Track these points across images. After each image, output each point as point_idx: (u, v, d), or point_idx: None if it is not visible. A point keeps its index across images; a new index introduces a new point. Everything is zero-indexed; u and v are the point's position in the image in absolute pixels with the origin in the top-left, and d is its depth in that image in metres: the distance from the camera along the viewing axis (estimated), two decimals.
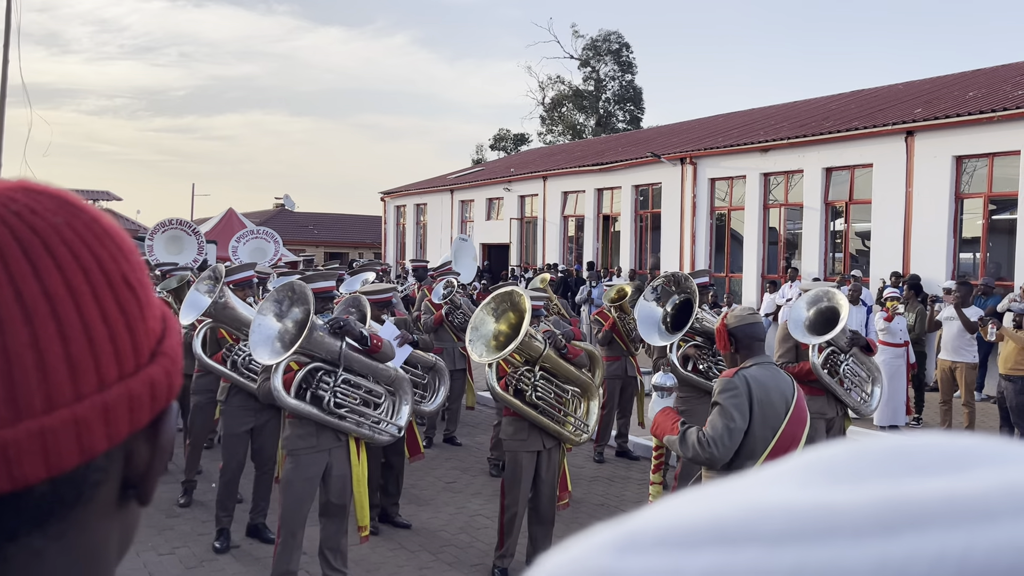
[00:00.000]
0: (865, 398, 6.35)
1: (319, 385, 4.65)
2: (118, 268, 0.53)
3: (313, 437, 4.70)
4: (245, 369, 5.71)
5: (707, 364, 6.14)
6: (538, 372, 5.28)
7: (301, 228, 37.94)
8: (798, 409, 3.73)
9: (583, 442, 5.58)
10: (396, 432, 5.03)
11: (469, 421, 9.59)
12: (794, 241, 17.30)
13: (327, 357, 4.66)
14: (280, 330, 4.47)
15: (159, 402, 0.54)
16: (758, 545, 0.27)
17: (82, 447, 0.48)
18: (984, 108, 13.39)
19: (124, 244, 0.55)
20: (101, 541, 0.54)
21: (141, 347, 0.53)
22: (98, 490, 0.52)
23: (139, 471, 0.55)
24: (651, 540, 0.28)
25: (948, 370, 9.47)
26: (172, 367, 0.56)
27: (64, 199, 0.54)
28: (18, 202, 0.51)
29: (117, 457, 0.53)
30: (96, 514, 0.53)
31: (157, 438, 0.55)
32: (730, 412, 3.60)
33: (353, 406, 4.76)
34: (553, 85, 46.99)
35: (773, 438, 3.65)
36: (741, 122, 22.01)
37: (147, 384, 0.52)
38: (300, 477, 4.69)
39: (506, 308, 5.17)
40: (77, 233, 0.52)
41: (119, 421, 0.50)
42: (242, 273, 6.49)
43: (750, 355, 3.80)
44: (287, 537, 4.71)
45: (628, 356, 8.35)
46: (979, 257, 14.19)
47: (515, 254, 25.04)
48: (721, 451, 3.58)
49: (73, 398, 0.48)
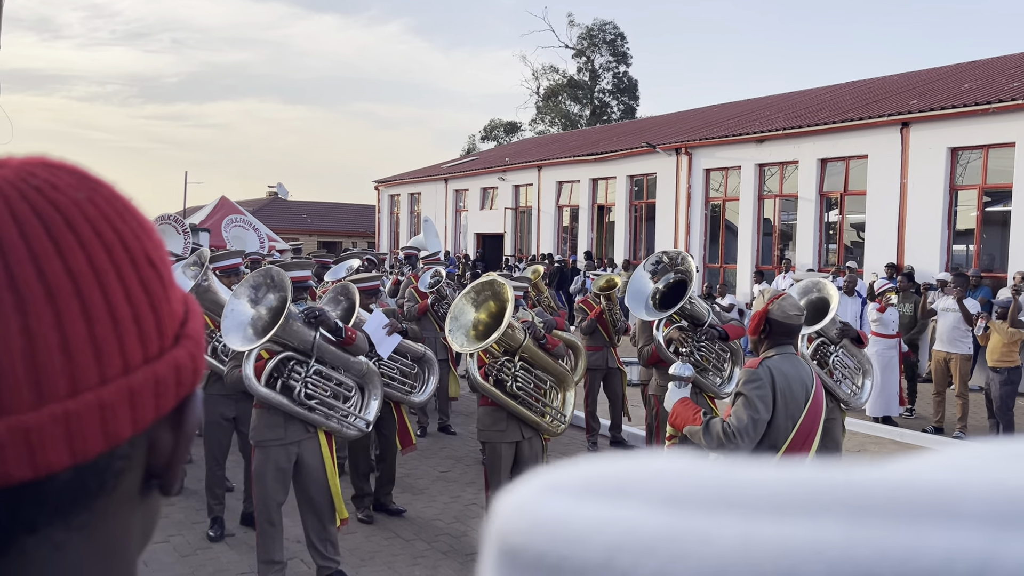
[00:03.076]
0: (855, 390, 6.35)
1: (291, 375, 4.57)
2: (141, 246, 0.51)
3: (281, 428, 4.62)
4: (224, 356, 5.61)
5: (689, 348, 6.13)
6: (518, 362, 5.26)
7: (294, 217, 37.82)
8: (816, 398, 3.73)
9: (560, 432, 5.57)
10: (364, 427, 4.95)
11: (463, 411, 9.59)
12: (788, 232, 17.31)
13: (300, 347, 4.58)
14: (253, 316, 4.38)
15: (184, 386, 0.52)
16: (639, 503, 0.29)
17: (107, 433, 0.47)
18: (979, 100, 13.40)
19: (145, 222, 0.53)
20: (123, 533, 0.52)
21: (166, 329, 0.51)
22: (122, 479, 0.50)
23: (163, 459, 0.53)
24: (572, 487, 0.31)
25: (943, 361, 9.50)
26: (197, 350, 0.54)
27: (83, 175, 0.52)
28: (38, 177, 0.49)
29: (141, 444, 0.51)
30: (119, 504, 0.51)
31: (182, 425, 0.54)
32: (755, 403, 3.59)
33: (323, 398, 4.69)
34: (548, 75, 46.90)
35: (794, 428, 3.65)
36: (736, 112, 21.99)
37: (173, 367, 0.51)
38: (270, 468, 4.62)
39: (487, 297, 5.13)
40: (99, 209, 0.49)
41: (145, 406, 0.49)
42: (228, 260, 6.41)
43: (775, 346, 3.77)
44: (264, 526, 4.67)
45: (609, 347, 8.32)
46: (972, 249, 14.22)
47: (509, 244, 25.02)
48: (746, 442, 3.58)
49: (98, 381, 0.46)
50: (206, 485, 5.84)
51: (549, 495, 0.31)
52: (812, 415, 3.70)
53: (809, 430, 3.69)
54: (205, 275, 5.21)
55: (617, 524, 0.29)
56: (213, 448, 5.81)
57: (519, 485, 0.33)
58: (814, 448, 3.71)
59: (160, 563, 5.26)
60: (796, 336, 3.87)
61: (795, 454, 3.66)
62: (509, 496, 0.33)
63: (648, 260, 5.94)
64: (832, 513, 0.27)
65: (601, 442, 8.51)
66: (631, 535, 0.28)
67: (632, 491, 0.30)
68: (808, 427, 3.68)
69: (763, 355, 3.79)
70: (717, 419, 3.70)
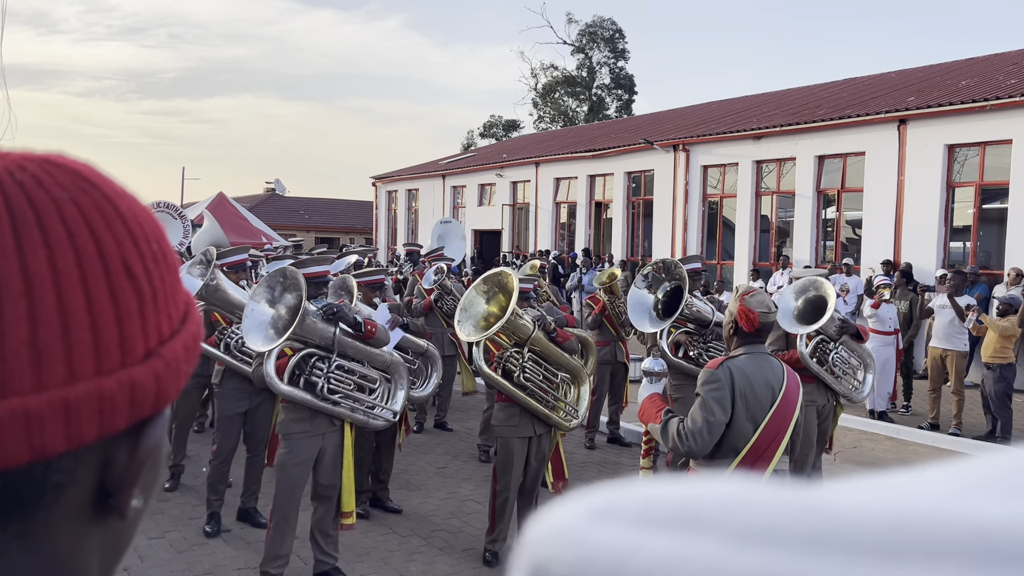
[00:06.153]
0: (856, 385, 6.37)
1: (312, 371, 4.64)
2: (120, 254, 0.48)
3: (307, 422, 4.69)
4: (239, 352, 5.66)
5: (698, 351, 6.14)
6: (526, 354, 5.27)
7: (292, 213, 37.80)
8: (786, 399, 3.66)
9: (574, 427, 5.58)
10: (391, 417, 5.02)
11: (459, 407, 9.59)
12: (786, 229, 17.32)
13: (321, 343, 4.64)
14: (273, 316, 4.45)
15: (141, 407, 0.49)
16: (718, 537, 0.26)
17: (32, 444, 0.44)
18: (976, 97, 13.41)
19: (137, 230, 0.50)
20: (74, 549, 0.50)
21: (131, 344, 0.48)
22: (63, 493, 0.47)
23: (114, 480, 0.50)
24: (628, 515, 0.28)
25: (939, 358, 9.53)
26: (165, 372, 0.50)
27: (82, 174, 0.50)
28: (27, 171, 0.47)
29: (87, 460, 0.48)
30: (66, 520, 0.48)
31: (136, 447, 0.50)
32: (710, 405, 3.56)
33: (347, 391, 4.75)
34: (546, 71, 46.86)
35: (756, 431, 3.60)
36: (734, 109, 21.98)
37: (127, 385, 0.47)
38: (294, 461, 4.68)
39: (497, 290, 5.16)
40: (80, 211, 0.47)
41: (83, 422, 0.45)
42: (235, 256, 6.47)
43: (744, 344, 3.74)
44: (280, 521, 4.71)
45: (618, 341, 8.34)
46: (969, 246, 14.24)
47: (507, 240, 25.01)
48: (700, 444, 3.54)
49: (32, 388, 0.43)
50: (208, 481, 5.84)
51: (599, 523, 0.28)
52: (779, 417, 3.62)
53: (775, 434, 3.61)
54: (213, 274, 5.23)
55: (695, 562, 0.25)
56: (224, 444, 5.82)
57: (556, 508, 0.30)
58: (780, 452, 3.62)
59: (156, 559, 5.26)
60: (765, 334, 3.80)
61: (758, 457, 3.59)
62: (546, 520, 0.30)
63: (639, 276, 5.94)
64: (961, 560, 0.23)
65: (598, 439, 8.52)
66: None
67: (705, 523, 0.27)
68: (774, 430, 3.61)
69: (730, 354, 3.74)
70: (675, 419, 3.66)
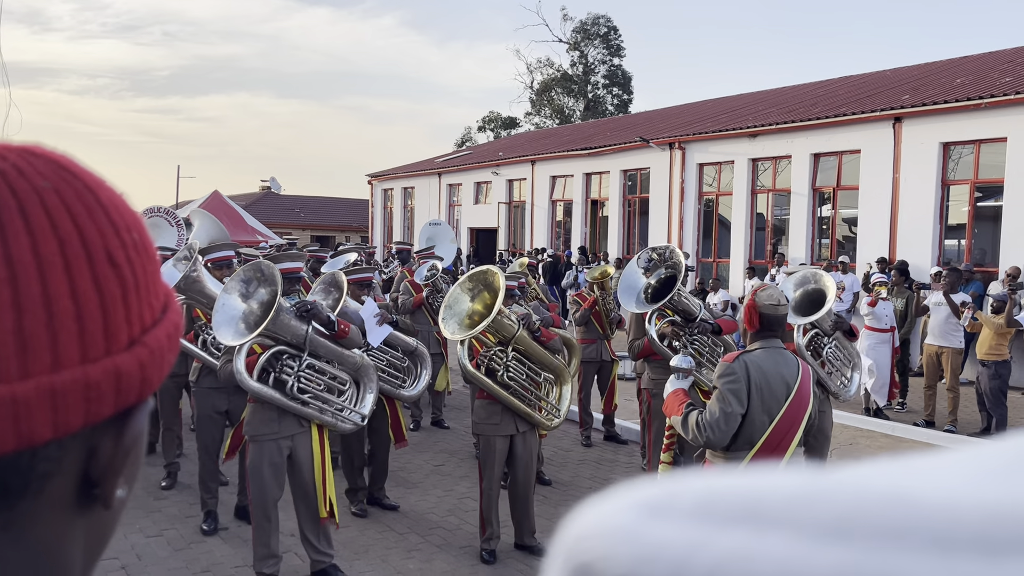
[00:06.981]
0: (845, 382, 6.41)
1: (283, 369, 4.55)
2: (103, 243, 0.48)
3: (275, 423, 4.61)
4: (215, 349, 5.57)
5: (682, 342, 6.16)
6: (511, 353, 5.25)
7: (287, 211, 37.73)
8: (800, 393, 3.73)
9: (555, 427, 5.58)
10: (359, 420, 4.92)
11: (456, 404, 9.59)
12: (781, 227, 17.34)
13: (292, 341, 4.56)
14: (245, 311, 4.35)
15: (126, 395, 0.49)
16: (790, 531, 0.24)
17: (19, 431, 0.44)
18: (971, 95, 13.44)
19: (119, 220, 0.51)
20: (59, 540, 0.50)
21: (116, 332, 0.48)
22: (49, 482, 0.47)
23: (100, 469, 0.50)
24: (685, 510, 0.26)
25: (934, 355, 9.55)
26: (149, 360, 0.50)
27: (61, 164, 0.50)
28: (7, 161, 0.48)
29: (73, 449, 0.48)
30: (51, 510, 0.48)
31: (121, 435, 0.50)
32: (727, 397, 3.63)
33: (316, 392, 4.66)
34: (542, 69, 46.85)
35: (771, 423, 3.66)
36: (729, 107, 22.01)
37: (112, 373, 0.47)
38: (264, 463, 4.62)
39: (482, 288, 5.14)
40: (63, 200, 0.48)
41: (69, 409, 0.45)
42: (220, 252, 6.37)
43: (760, 338, 3.79)
44: (261, 520, 4.67)
45: (603, 339, 8.35)
46: (964, 244, 14.28)
47: (503, 238, 25.00)
48: (717, 435, 3.62)
49: (18, 375, 0.43)
50: (199, 479, 5.83)
51: (654, 519, 0.26)
52: (793, 411, 3.69)
53: (789, 426, 3.68)
54: (195, 266, 5.18)
55: (767, 559, 0.24)
56: (206, 442, 5.79)
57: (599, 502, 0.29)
58: (794, 445, 3.69)
59: (154, 557, 5.26)
60: (780, 328, 3.86)
61: (773, 450, 3.66)
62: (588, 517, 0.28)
63: (640, 256, 5.98)
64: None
65: (595, 436, 8.53)
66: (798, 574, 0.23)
67: (774, 516, 0.25)
68: (788, 423, 3.68)
69: (746, 348, 3.81)
70: (695, 412, 3.73)
